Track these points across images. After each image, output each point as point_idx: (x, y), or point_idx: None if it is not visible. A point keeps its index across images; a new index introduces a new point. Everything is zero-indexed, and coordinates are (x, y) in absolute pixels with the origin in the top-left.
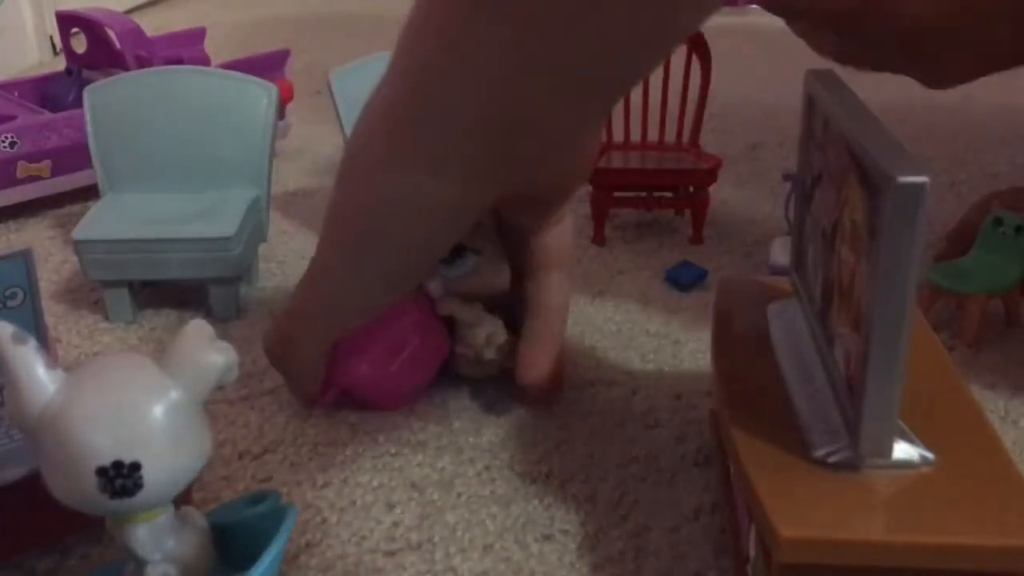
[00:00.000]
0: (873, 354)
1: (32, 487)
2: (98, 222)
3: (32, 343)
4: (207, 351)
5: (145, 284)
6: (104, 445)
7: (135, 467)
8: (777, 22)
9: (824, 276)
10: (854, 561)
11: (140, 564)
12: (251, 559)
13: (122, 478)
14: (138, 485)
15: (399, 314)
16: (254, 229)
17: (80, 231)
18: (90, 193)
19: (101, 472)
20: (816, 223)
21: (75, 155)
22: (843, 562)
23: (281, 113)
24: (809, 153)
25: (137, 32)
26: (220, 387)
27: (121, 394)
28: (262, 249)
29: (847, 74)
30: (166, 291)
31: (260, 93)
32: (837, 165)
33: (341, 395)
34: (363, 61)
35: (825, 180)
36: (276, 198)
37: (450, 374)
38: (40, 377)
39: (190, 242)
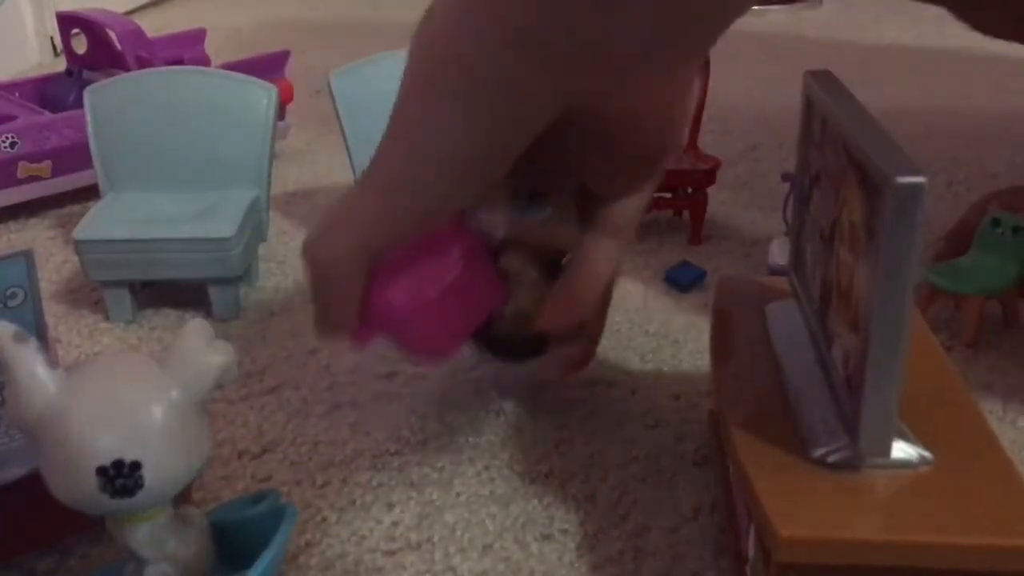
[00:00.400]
0: (872, 354)
1: (32, 487)
2: (99, 222)
3: (33, 343)
4: (207, 351)
5: (145, 284)
6: (104, 444)
7: (135, 466)
8: (776, 23)
9: (822, 276)
10: (853, 561)
11: (140, 564)
12: (251, 559)
13: (122, 478)
14: (138, 484)
15: (446, 243)
16: (254, 229)
17: (81, 231)
18: (91, 193)
19: (101, 472)
20: (814, 224)
21: (75, 155)
22: (842, 562)
23: (281, 114)
24: (807, 154)
25: (138, 33)
26: (220, 386)
27: (121, 393)
28: (262, 249)
29: (845, 76)
30: (166, 291)
31: (260, 93)
32: (835, 166)
33: (376, 334)
34: (363, 62)
35: (823, 181)
36: (276, 198)
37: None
38: (41, 377)
39: (190, 242)
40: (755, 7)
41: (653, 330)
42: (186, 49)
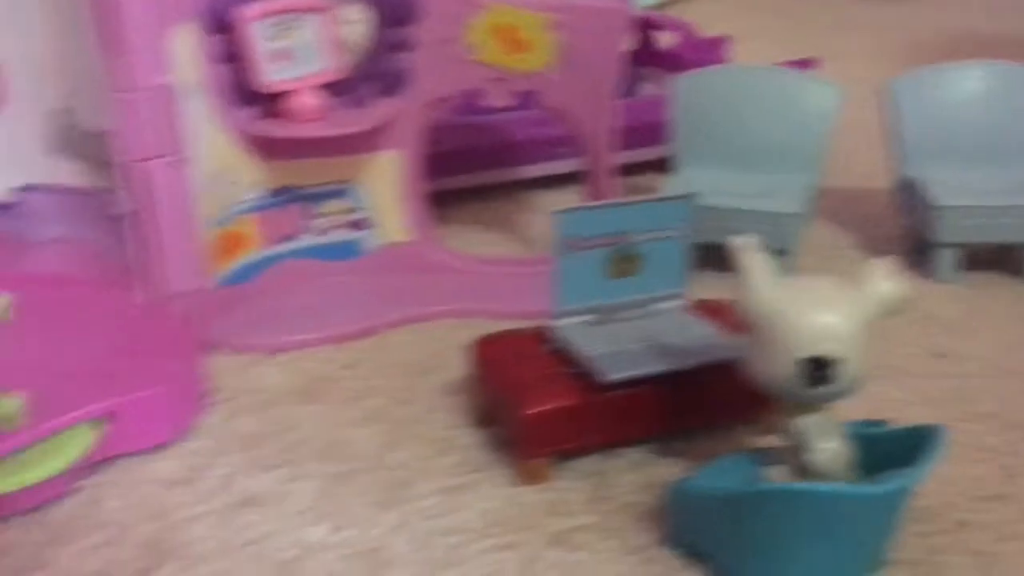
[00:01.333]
0: None
1: (727, 372)
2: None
3: (762, 254)
4: (890, 283)
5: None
6: (813, 341)
7: (833, 363)
8: None
9: None
10: None
11: (802, 449)
12: (875, 472)
13: (821, 371)
14: (832, 379)
15: None
16: (807, 209)
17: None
18: (643, 168)
19: (806, 363)
20: None
21: (637, 135)
22: None
23: None
24: None
25: (686, 33)
26: (888, 314)
27: (832, 302)
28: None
29: None
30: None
31: (827, 92)
32: None
33: None
34: (925, 70)
35: None
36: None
37: None
38: (768, 280)
39: (757, 215)
40: None
41: None
42: (713, 53)
